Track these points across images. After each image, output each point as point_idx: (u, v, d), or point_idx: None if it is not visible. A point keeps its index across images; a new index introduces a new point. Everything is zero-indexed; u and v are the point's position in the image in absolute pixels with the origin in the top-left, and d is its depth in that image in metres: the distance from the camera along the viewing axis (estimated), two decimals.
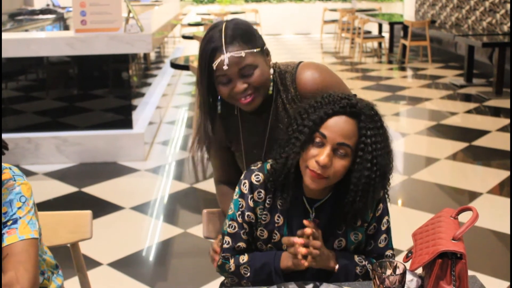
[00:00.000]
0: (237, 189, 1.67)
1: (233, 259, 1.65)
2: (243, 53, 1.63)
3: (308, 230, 1.54)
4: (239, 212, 1.64)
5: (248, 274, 1.62)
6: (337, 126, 1.48)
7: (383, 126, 1.54)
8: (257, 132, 1.81)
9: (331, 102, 1.51)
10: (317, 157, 1.48)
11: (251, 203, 1.63)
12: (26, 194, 1.56)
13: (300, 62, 1.80)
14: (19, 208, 1.53)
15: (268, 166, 1.62)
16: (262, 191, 1.62)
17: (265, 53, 1.72)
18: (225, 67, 1.62)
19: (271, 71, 1.74)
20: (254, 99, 1.68)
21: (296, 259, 1.55)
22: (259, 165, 1.66)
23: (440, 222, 1.45)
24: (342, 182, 1.55)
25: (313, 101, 1.55)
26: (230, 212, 1.67)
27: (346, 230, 1.62)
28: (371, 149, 1.48)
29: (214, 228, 1.95)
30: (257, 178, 1.63)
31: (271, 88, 1.74)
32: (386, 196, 1.65)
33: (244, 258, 1.64)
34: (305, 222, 1.56)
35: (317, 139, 1.49)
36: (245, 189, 1.64)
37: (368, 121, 1.50)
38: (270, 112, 1.78)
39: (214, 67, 1.63)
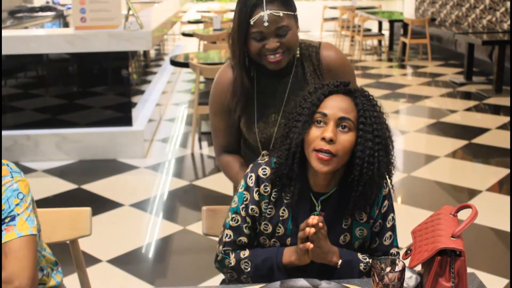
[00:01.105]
0: (242, 182, 1.66)
1: (233, 254, 1.64)
2: (281, 13, 1.73)
3: (313, 221, 1.49)
4: (243, 205, 1.64)
5: (249, 269, 1.62)
6: (335, 102, 1.53)
7: (377, 104, 1.58)
8: (273, 95, 1.89)
9: (325, 85, 1.58)
10: (322, 134, 1.50)
11: (256, 197, 1.63)
12: (23, 191, 1.55)
13: (321, 42, 1.95)
14: (16, 205, 1.52)
15: (275, 160, 1.62)
16: (269, 185, 1.62)
17: (296, 20, 1.82)
18: (265, 24, 1.72)
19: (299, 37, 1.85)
20: (282, 59, 1.78)
21: (301, 252, 1.53)
22: (266, 159, 1.66)
23: (440, 219, 1.46)
24: (348, 174, 1.55)
25: (308, 90, 1.60)
26: (233, 205, 1.66)
27: (352, 225, 1.62)
28: (370, 121, 1.52)
29: (214, 225, 1.94)
30: (264, 172, 1.63)
31: (298, 52, 1.87)
32: (391, 187, 1.65)
33: (245, 253, 1.64)
34: (312, 216, 1.53)
35: (319, 119, 1.53)
36: (251, 182, 1.64)
37: (363, 98, 1.56)
38: (290, 77, 1.89)
39: (252, 23, 1.73)
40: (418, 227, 1.52)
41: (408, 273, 1.42)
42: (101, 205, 3.96)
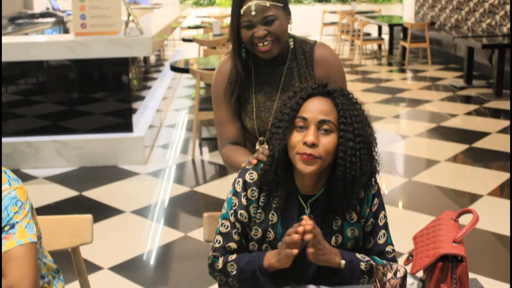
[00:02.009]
0: (231, 188, 1.69)
1: (222, 258, 1.65)
2: (268, 3, 1.86)
3: (307, 227, 1.48)
4: (232, 211, 1.65)
5: (234, 271, 1.62)
6: (315, 106, 1.55)
7: (357, 102, 1.59)
8: (269, 85, 2.00)
9: (304, 89, 1.59)
10: (304, 139, 1.51)
11: (244, 201, 1.64)
12: (22, 198, 1.55)
13: (317, 41, 2.06)
14: (15, 212, 1.52)
15: (261, 166, 1.63)
16: (256, 189, 1.64)
17: (287, 12, 1.94)
18: (253, 13, 1.85)
19: (290, 28, 1.97)
20: (272, 48, 1.89)
21: (284, 256, 1.51)
22: (253, 165, 1.67)
23: (441, 225, 1.45)
24: (333, 174, 1.55)
25: (287, 95, 1.62)
26: (223, 211, 1.68)
27: (343, 226, 1.62)
28: (351, 121, 1.53)
29: (215, 231, 1.94)
30: (251, 176, 1.65)
31: (292, 44, 1.99)
32: (376, 183, 1.65)
33: (232, 256, 1.65)
34: (304, 218, 1.52)
35: (299, 124, 1.54)
36: (239, 187, 1.65)
37: (343, 98, 1.56)
38: (285, 68, 1.99)
39: (242, 12, 1.87)
40: (419, 232, 1.52)
41: (409, 279, 1.41)
42: (102, 212, 3.96)
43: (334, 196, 1.57)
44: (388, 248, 1.66)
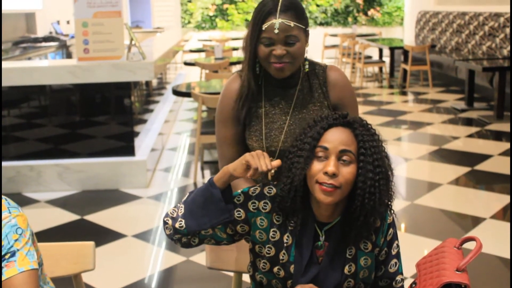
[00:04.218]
0: (245, 188, 1.69)
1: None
2: (292, 24, 1.83)
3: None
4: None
5: (183, 210, 1.66)
6: (335, 136, 1.55)
7: (376, 133, 1.60)
8: (279, 106, 1.97)
9: (324, 118, 1.59)
10: (324, 169, 1.52)
11: (250, 207, 1.64)
12: (22, 226, 1.55)
13: (327, 64, 2.06)
14: (16, 240, 1.52)
15: (279, 193, 1.63)
16: (268, 204, 1.64)
17: (306, 34, 1.92)
18: (275, 31, 1.82)
19: (306, 51, 1.93)
20: (286, 67, 1.87)
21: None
22: (276, 183, 1.68)
23: (444, 252, 1.45)
24: (351, 204, 1.56)
25: (307, 124, 1.62)
26: None
27: (356, 255, 1.62)
28: (370, 152, 1.54)
29: (218, 258, 1.94)
30: (270, 190, 1.66)
31: (307, 66, 1.95)
32: (394, 216, 1.66)
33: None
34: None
35: (320, 154, 1.54)
36: (253, 192, 1.66)
37: (362, 129, 1.57)
38: (297, 89, 1.97)
39: (264, 28, 1.83)
40: (422, 260, 1.52)
41: None
42: (104, 236, 3.95)
43: (350, 225, 1.58)
44: (398, 278, 1.66)
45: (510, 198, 4.46)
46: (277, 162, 1.57)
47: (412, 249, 3.55)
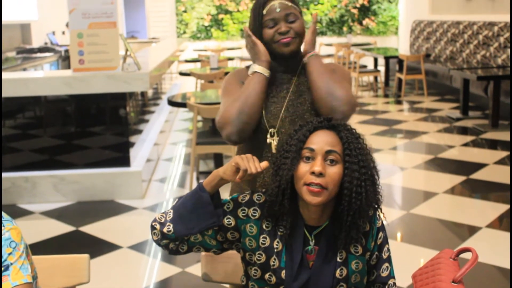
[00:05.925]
0: (234, 194, 1.73)
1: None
2: (289, 3, 2.00)
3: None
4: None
5: (171, 215, 1.66)
6: (321, 137, 1.60)
7: (360, 136, 1.64)
8: (281, 84, 2.05)
9: (310, 122, 1.64)
10: (311, 169, 1.55)
11: (240, 214, 1.66)
12: (16, 239, 1.54)
13: None
14: (9, 254, 1.51)
15: (267, 198, 1.65)
16: (258, 210, 1.66)
17: (302, 17, 2.05)
18: (277, 10, 1.97)
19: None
20: (292, 41, 2.00)
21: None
22: (264, 190, 1.71)
23: (440, 263, 1.45)
24: (338, 206, 1.59)
25: (293, 129, 1.67)
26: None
27: (347, 258, 1.63)
28: (355, 153, 1.58)
29: (213, 271, 1.93)
30: (259, 198, 1.69)
31: (306, 58, 2.04)
32: (383, 219, 1.69)
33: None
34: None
35: (306, 155, 1.58)
36: (242, 200, 1.69)
37: (347, 132, 1.62)
38: (296, 75, 2.06)
39: (265, 12, 1.99)
40: (418, 271, 1.51)
41: None
42: (99, 247, 3.93)
43: (339, 228, 1.60)
44: (390, 282, 1.67)
45: (510, 207, 4.46)
46: (265, 164, 1.60)
47: (408, 259, 3.55)
